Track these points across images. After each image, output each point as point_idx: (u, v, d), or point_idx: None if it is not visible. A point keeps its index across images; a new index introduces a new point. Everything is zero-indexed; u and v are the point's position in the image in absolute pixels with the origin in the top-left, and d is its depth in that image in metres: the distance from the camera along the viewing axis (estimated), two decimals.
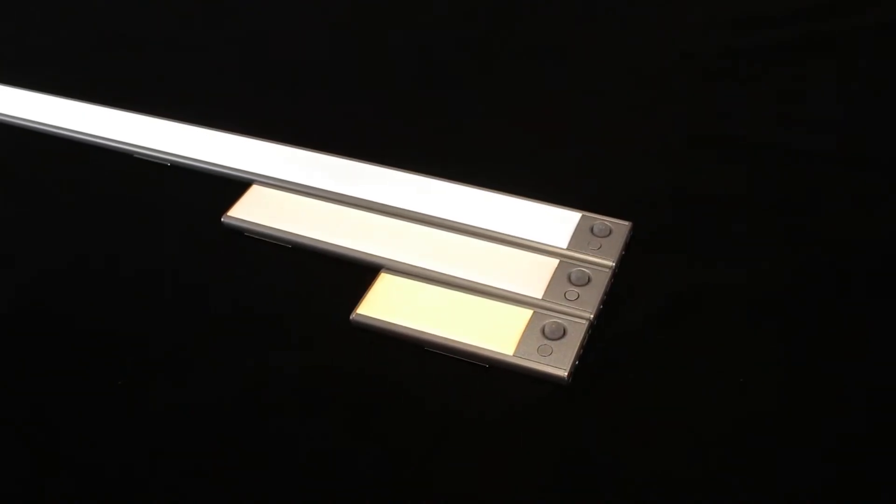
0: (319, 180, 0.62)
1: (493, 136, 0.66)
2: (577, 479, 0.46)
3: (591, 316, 0.52)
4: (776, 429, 0.47)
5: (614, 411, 0.48)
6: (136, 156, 0.67)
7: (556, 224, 0.57)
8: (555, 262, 0.55)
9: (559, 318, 0.52)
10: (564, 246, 0.56)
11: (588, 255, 0.55)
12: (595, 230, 0.57)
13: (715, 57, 0.71)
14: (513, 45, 0.76)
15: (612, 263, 0.55)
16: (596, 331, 0.52)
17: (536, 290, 0.54)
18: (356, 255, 0.57)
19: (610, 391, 0.49)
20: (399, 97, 0.71)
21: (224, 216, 0.61)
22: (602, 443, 0.47)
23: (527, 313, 0.52)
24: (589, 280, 0.54)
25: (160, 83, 0.75)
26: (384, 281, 0.55)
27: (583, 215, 0.58)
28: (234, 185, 0.63)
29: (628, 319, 0.53)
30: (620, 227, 0.57)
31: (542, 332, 0.51)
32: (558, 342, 0.50)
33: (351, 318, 0.53)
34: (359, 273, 0.56)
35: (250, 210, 0.60)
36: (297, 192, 0.62)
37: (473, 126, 0.68)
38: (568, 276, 0.54)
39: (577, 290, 0.53)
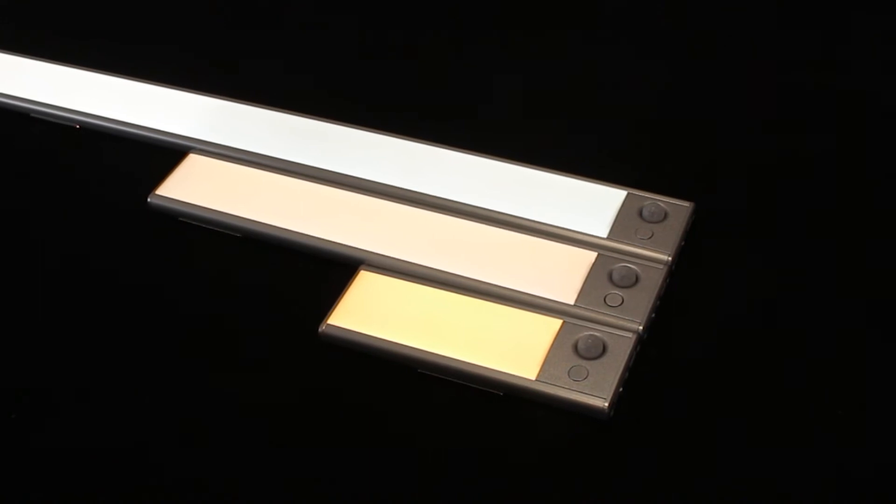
0: (279, 147, 0.59)
1: (509, 91, 0.63)
2: None
3: (640, 328, 0.48)
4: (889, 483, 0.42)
5: (668, 454, 0.44)
6: (33, 115, 0.63)
7: (593, 205, 0.55)
8: (592, 255, 0.52)
9: (597, 330, 0.48)
10: (605, 234, 0.53)
11: (636, 246, 0.52)
12: (645, 214, 0.54)
13: None
14: None
15: (667, 257, 0.51)
16: (646, 347, 0.48)
17: (567, 294, 0.50)
18: (327, 247, 0.53)
19: (663, 428, 0.46)
20: (389, 42, 0.68)
21: (151, 195, 0.57)
22: (651, 496, 0.43)
23: (554, 324, 0.48)
24: (637, 280, 0.50)
25: (65, 20, 0.71)
26: (364, 281, 0.51)
27: (629, 193, 0.55)
28: (164, 154, 0.59)
29: (688, 332, 0.49)
30: (679, 210, 0.54)
31: (575, 349, 0.47)
32: (596, 362, 0.46)
33: (320, 329, 0.49)
34: (331, 270, 0.52)
35: (186, 187, 0.57)
36: (248, 162, 0.58)
37: (483, 78, 0.64)
38: (609, 274, 0.51)
39: (620, 293, 0.50)
